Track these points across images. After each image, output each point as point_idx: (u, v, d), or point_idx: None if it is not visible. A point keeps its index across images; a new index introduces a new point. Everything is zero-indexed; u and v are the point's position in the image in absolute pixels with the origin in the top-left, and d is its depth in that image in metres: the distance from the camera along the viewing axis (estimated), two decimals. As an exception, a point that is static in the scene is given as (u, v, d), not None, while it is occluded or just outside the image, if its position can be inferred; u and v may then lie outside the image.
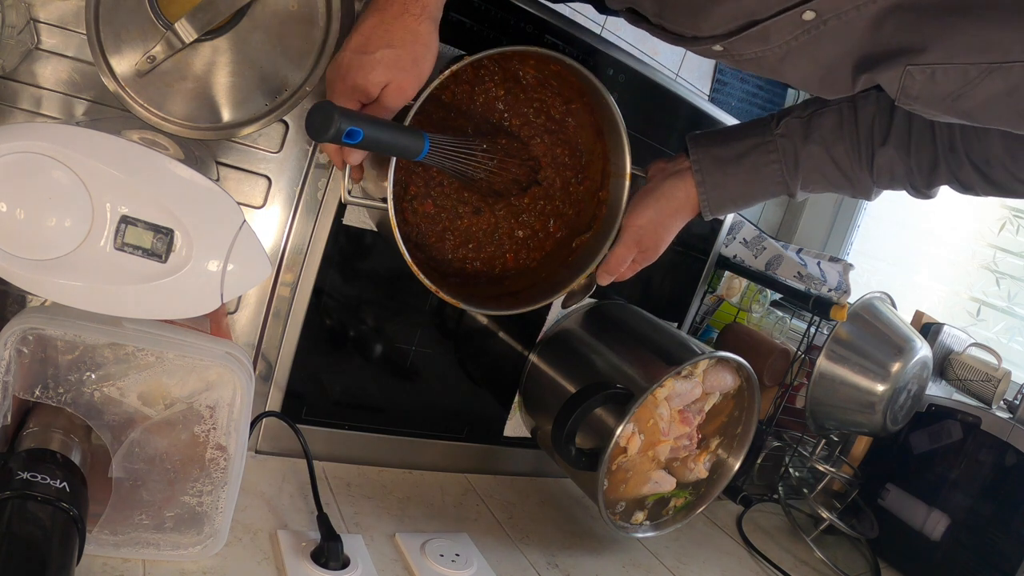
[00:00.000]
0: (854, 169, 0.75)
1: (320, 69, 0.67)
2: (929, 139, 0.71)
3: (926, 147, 0.72)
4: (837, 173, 0.76)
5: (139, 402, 0.53)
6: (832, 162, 0.75)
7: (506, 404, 0.94)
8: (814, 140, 0.74)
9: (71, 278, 0.48)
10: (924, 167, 0.73)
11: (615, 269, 0.77)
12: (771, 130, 0.76)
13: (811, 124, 0.75)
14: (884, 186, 0.77)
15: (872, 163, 0.74)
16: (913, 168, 0.73)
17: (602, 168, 0.79)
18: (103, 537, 0.54)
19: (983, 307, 1.59)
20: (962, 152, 0.70)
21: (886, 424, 1.05)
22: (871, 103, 0.73)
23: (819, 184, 0.78)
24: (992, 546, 1.01)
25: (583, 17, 1.32)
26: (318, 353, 0.79)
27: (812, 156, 0.75)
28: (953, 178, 0.73)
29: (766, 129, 0.76)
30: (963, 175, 0.72)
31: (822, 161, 0.75)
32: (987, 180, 0.71)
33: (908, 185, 0.76)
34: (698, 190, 0.76)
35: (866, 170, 0.75)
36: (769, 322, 1.28)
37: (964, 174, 0.71)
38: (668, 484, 0.85)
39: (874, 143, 0.73)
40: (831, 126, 0.74)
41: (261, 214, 0.73)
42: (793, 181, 0.76)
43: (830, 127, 0.74)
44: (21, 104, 0.61)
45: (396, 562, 0.69)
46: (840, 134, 0.74)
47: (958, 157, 0.71)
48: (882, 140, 0.73)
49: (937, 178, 0.73)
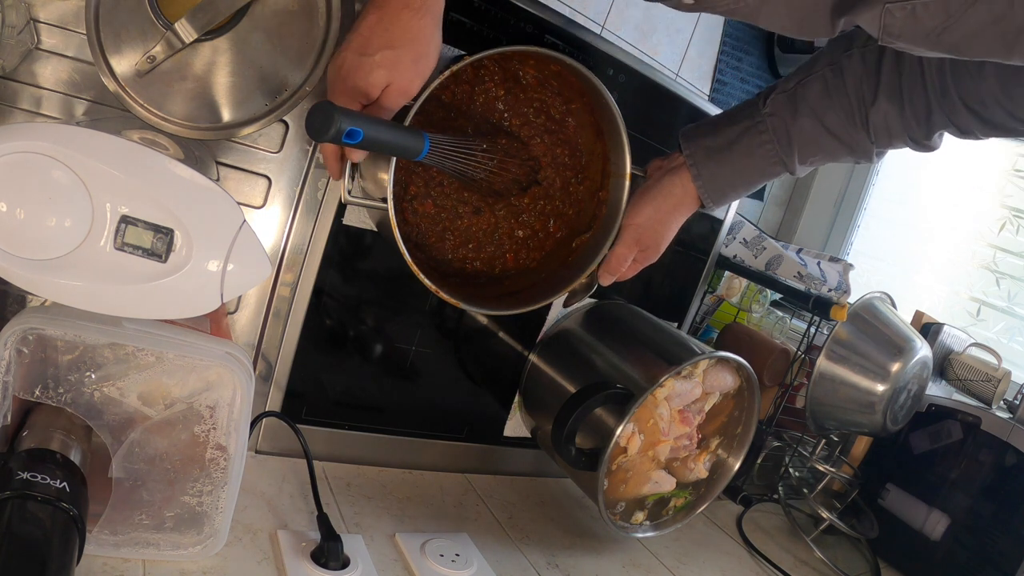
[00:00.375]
0: (849, 133, 0.74)
1: (320, 69, 0.67)
2: (920, 88, 0.70)
3: (918, 96, 0.70)
4: (833, 141, 0.74)
5: (139, 402, 0.53)
6: (826, 131, 0.74)
7: (506, 404, 0.94)
8: (803, 112, 0.73)
9: (71, 278, 0.48)
10: (920, 117, 0.71)
11: (616, 269, 0.77)
12: (759, 110, 0.75)
13: (797, 96, 0.73)
14: (883, 145, 0.75)
15: (867, 123, 0.72)
16: (909, 120, 0.71)
17: (602, 168, 0.79)
18: (103, 537, 0.54)
19: (983, 307, 1.59)
20: (955, 96, 0.68)
21: (886, 424, 1.05)
22: (856, 62, 0.71)
23: (817, 156, 0.76)
24: (992, 546, 1.01)
25: (583, 17, 1.33)
26: (318, 353, 0.79)
27: (804, 129, 0.74)
28: (950, 123, 0.71)
29: (754, 110, 0.75)
30: (959, 119, 0.70)
31: (815, 132, 0.74)
32: (984, 122, 0.69)
33: (907, 139, 0.74)
34: (695, 183, 0.76)
35: (862, 132, 0.73)
36: (769, 322, 1.28)
37: (960, 118, 0.69)
38: (668, 484, 0.85)
39: (865, 102, 0.72)
40: (818, 94, 0.73)
41: (261, 214, 0.73)
42: (789, 158, 0.75)
43: (817, 95, 0.73)
44: (21, 104, 0.61)
45: (396, 562, 0.69)
46: (829, 101, 0.73)
47: (952, 102, 0.69)
48: (872, 98, 0.71)
49: (934, 126, 0.71)
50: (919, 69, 0.69)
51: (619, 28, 1.40)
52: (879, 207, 1.91)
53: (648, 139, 0.92)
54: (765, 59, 1.93)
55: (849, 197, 2.01)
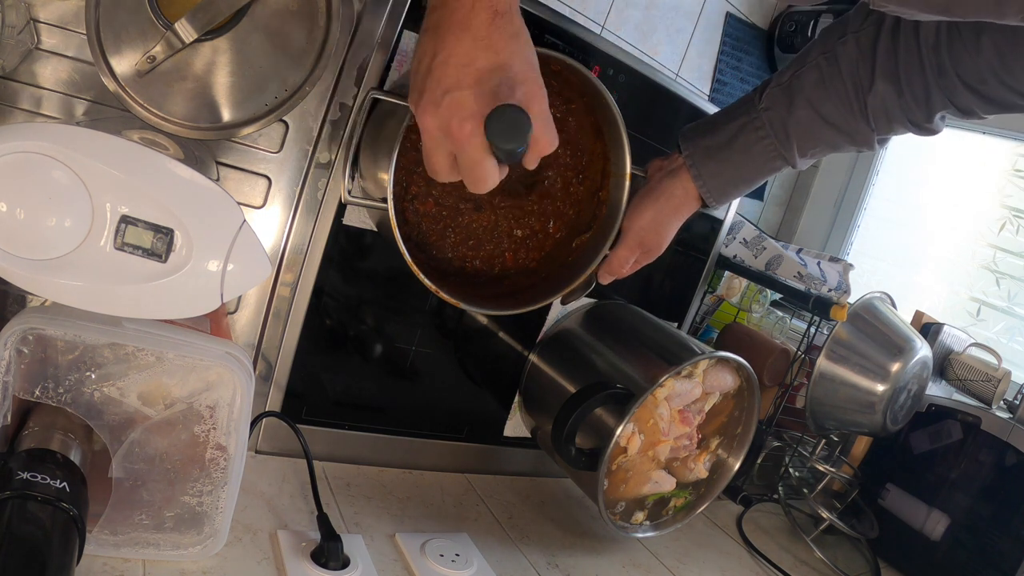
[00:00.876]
0: (848, 121, 0.73)
1: (320, 69, 0.67)
2: (918, 68, 0.69)
3: (916, 77, 0.69)
4: (832, 130, 0.73)
5: (139, 402, 0.53)
6: (823, 121, 0.73)
7: (506, 404, 0.94)
8: (799, 104, 0.72)
9: (71, 278, 0.48)
10: (919, 99, 0.70)
11: (617, 270, 0.77)
12: (755, 106, 0.74)
13: (793, 88, 0.73)
14: (884, 131, 0.74)
15: (865, 109, 0.72)
16: (908, 102, 0.70)
17: (602, 168, 0.79)
18: (103, 537, 0.54)
19: (983, 307, 1.59)
20: (953, 74, 0.67)
21: (886, 424, 1.05)
22: (850, 47, 0.71)
23: (817, 147, 0.75)
24: (992, 546, 1.01)
25: (583, 17, 1.32)
26: (318, 353, 0.79)
27: (801, 121, 0.73)
28: (949, 103, 0.70)
29: (751, 106, 0.75)
30: (959, 98, 0.69)
31: (813, 123, 0.73)
32: (984, 99, 0.68)
33: (907, 122, 0.73)
34: (696, 183, 0.76)
35: (860, 119, 0.72)
36: (769, 322, 1.28)
37: (960, 97, 0.68)
38: (668, 484, 0.85)
39: (862, 88, 0.71)
40: (813, 84, 0.72)
41: (261, 214, 0.73)
42: (789, 152, 0.74)
43: (812, 85, 0.72)
44: (21, 104, 0.61)
45: (396, 562, 0.69)
46: (825, 90, 0.72)
47: (950, 80, 0.68)
48: (869, 83, 0.70)
49: (934, 107, 0.70)
50: (915, 49, 0.68)
51: (619, 28, 1.40)
52: (879, 207, 1.91)
53: (648, 139, 0.92)
54: (765, 59, 1.93)
55: (849, 197, 2.01)
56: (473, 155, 0.53)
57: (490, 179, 0.55)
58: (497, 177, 0.56)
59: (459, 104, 0.52)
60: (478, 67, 0.52)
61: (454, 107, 0.52)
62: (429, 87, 0.53)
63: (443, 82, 0.52)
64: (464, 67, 0.52)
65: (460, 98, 0.52)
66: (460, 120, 0.52)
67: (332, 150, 0.73)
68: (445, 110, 0.52)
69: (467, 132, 0.52)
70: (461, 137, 0.52)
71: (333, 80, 0.72)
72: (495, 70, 0.52)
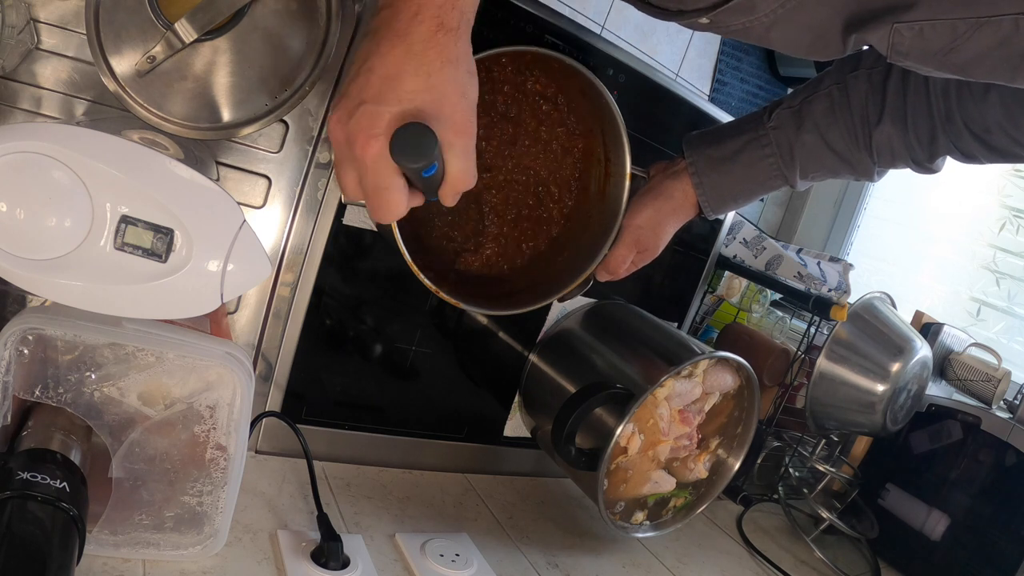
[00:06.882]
0: (852, 152, 0.74)
1: (320, 69, 0.67)
2: (925, 112, 0.70)
3: (923, 120, 0.70)
4: (835, 158, 0.75)
5: (139, 402, 0.53)
6: (828, 148, 0.74)
7: (506, 404, 0.94)
8: (807, 129, 0.73)
9: (71, 278, 0.48)
10: (923, 140, 0.71)
11: (615, 269, 0.77)
12: (763, 124, 0.75)
13: (802, 112, 0.74)
14: (886, 165, 0.75)
15: (870, 143, 0.73)
16: (912, 142, 0.72)
17: (602, 168, 0.79)
18: (103, 537, 0.54)
19: (983, 307, 1.59)
20: (960, 121, 0.69)
21: (886, 424, 1.05)
22: (862, 82, 0.72)
23: (819, 171, 0.77)
24: (992, 546, 1.01)
25: (583, 17, 1.33)
26: (318, 353, 0.79)
27: (806, 145, 0.74)
28: (953, 148, 0.71)
29: (759, 123, 0.76)
30: (963, 144, 0.70)
31: (818, 148, 0.74)
32: (988, 147, 0.69)
33: (910, 160, 0.74)
34: (696, 191, 0.77)
35: (864, 151, 0.74)
36: (769, 322, 1.28)
37: (964, 143, 0.70)
38: (668, 484, 0.85)
39: (870, 123, 0.72)
40: (823, 111, 0.73)
41: (261, 214, 0.73)
42: (791, 172, 0.76)
43: (822, 112, 0.73)
44: (21, 104, 0.61)
45: (396, 562, 0.69)
46: (833, 118, 0.73)
47: (956, 127, 0.69)
48: (877, 118, 0.72)
49: (937, 150, 0.72)
50: (924, 93, 0.69)
51: (619, 28, 1.40)
52: (879, 207, 1.91)
53: (648, 139, 0.92)
54: (765, 59, 1.94)
55: (849, 197, 2.01)
56: (377, 178, 0.48)
57: (394, 207, 0.50)
58: (404, 206, 0.50)
59: (372, 119, 0.47)
60: (405, 86, 0.47)
61: (365, 121, 0.47)
62: (349, 94, 0.48)
63: (363, 92, 0.47)
64: (389, 80, 0.47)
65: (374, 113, 0.47)
66: (368, 137, 0.47)
67: (332, 150, 0.73)
68: (355, 123, 0.47)
69: (373, 152, 0.47)
70: (365, 157, 0.47)
71: (333, 80, 0.72)
72: (422, 92, 0.47)
